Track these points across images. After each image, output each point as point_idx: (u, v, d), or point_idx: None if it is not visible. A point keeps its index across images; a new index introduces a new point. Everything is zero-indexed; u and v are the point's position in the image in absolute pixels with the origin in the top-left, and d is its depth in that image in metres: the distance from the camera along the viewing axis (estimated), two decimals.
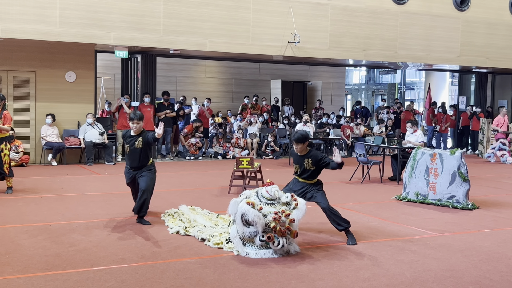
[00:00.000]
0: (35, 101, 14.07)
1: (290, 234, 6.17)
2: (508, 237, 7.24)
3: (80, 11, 13.02)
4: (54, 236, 6.80)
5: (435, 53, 17.48)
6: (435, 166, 9.44)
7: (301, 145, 6.87)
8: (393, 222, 8.05)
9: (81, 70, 14.50)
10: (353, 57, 16.65)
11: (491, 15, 18.15)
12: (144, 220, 7.62)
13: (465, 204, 9.10)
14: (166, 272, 5.48)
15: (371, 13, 16.37)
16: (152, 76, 15.72)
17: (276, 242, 6.04)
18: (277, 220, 6.02)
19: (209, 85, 22.07)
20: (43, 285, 5.06)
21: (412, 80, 38.52)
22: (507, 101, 21.40)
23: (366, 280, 5.36)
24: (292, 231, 6.17)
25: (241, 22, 14.71)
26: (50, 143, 13.83)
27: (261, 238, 6.06)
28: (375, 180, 12.20)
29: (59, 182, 11.22)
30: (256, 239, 6.08)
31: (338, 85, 24.60)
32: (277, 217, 6.03)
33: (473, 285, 5.28)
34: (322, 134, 15.50)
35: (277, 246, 6.05)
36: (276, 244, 6.04)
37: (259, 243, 6.08)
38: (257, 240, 6.08)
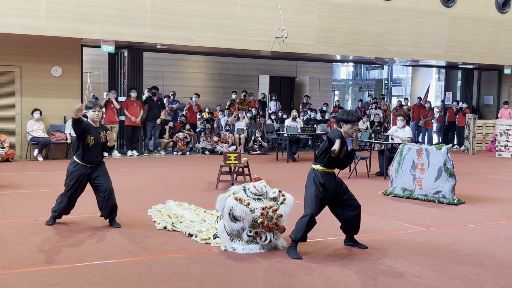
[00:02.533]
0: (20, 96, 13.95)
1: (278, 229, 6.18)
2: (493, 231, 7.31)
3: (66, 5, 12.92)
4: (40, 232, 6.76)
5: (422, 49, 17.56)
6: (422, 161, 9.49)
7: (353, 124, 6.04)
8: (379, 217, 8.09)
9: (67, 64, 14.39)
10: (340, 53, 16.69)
11: (477, 11, 18.27)
12: (116, 222, 7.15)
13: (451, 199, 9.17)
14: (153, 268, 5.47)
15: (359, 9, 16.40)
16: (139, 71, 15.64)
17: (264, 237, 6.05)
18: (264, 215, 6.03)
19: (197, 80, 22.02)
20: (29, 281, 5.03)
21: (399, 76, 38.72)
22: (492, 97, 21.57)
23: (353, 275, 5.38)
24: (279, 226, 6.18)
25: (228, 17, 14.68)
26: (36, 138, 13.73)
27: (249, 233, 6.06)
28: (362, 175, 12.25)
29: (45, 177, 11.15)
30: (244, 234, 6.08)
31: (325, 80, 24.65)
32: (264, 212, 6.04)
33: (459, 280, 5.32)
34: (310, 129, 15.53)
35: (265, 241, 6.06)
36: (264, 239, 6.05)
37: (246, 238, 6.08)
38: (244, 235, 6.08)
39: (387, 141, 12.13)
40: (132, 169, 12.67)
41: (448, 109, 20.28)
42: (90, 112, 7.09)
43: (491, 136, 19.05)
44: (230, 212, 6.05)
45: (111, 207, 7.06)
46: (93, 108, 7.04)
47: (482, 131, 19.07)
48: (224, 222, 6.18)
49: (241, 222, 6.05)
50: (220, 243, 6.25)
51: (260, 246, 6.10)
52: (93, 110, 7.05)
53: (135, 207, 8.35)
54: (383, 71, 37.09)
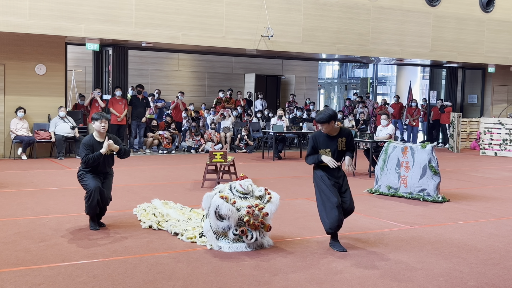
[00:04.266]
0: (4, 94, 13.82)
1: (264, 228, 6.18)
2: (477, 229, 7.37)
3: (51, 3, 12.82)
4: (24, 231, 6.70)
5: (406, 47, 17.66)
6: (407, 159, 9.54)
7: (327, 125, 6.10)
8: (365, 215, 8.12)
9: (51, 62, 14.28)
10: (326, 51, 16.73)
11: (461, 10, 18.41)
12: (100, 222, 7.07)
13: (435, 197, 9.23)
14: (139, 267, 5.45)
15: (344, 8, 16.46)
16: (124, 69, 15.57)
17: (250, 235, 6.05)
18: (250, 214, 6.03)
19: (182, 79, 21.95)
20: (13, 280, 4.98)
21: (384, 74, 38.87)
22: (476, 95, 21.75)
23: (339, 273, 5.40)
24: (265, 225, 6.18)
25: (214, 15, 14.65)
26: (20, 137, 13.61)
27: (235, 232, 6.06)
28: (347, 174, 12.27)
29: (29, 176, 11.06)
30: (230, 233, 6.08)
31: (311, 79, 24.70)
32: (250, 210, 6.04)
33: (443, 277, 5.36)
34: (295, 128, 15.55)
35: (251, 240, 6.06)
36: (250, 237, 6.05)
37: (232, 237, 6.08)
38: (230, 234, 6.08)
39: (372, 140, 12.18)
40: (117, 167, 12.54)
41: (432, 108, 20.41)
42: (96, 123, 6.85)
43: (475, 134, 19.21)
44: (216, 210, 6.05)
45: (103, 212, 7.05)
46: (100, 120, 6.83)
47: (466, 130, 19.23)
48: (210, 221, 6.17)
49: (227, 220, 6.04)
50: (206, 242, 6.24)
51: (246, 244, 6.09)
52: (99, 122, 6.84)
53: (120, 206, 8.31)
54: (368, 69, 37.23)
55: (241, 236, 6.07)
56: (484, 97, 21.57)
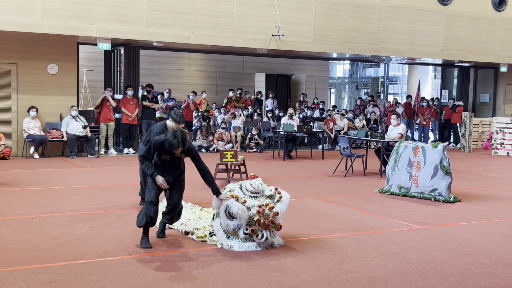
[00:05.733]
0: (16, 93, 13.92)
1: (274, 227, 6.19)
2: (489, 229, 7.33)
3: (63, 3, 12.89)
4: (36, 230, 6.75)
5: (418, 47, 17.58)
6: (418, 159, 9.50)
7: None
8: (376, 215, 8.10)
9: (63, 62, 14.36)
10: (337, 51, 16.69)
11: (473, 9, 18.30)
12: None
13: (447, 197, 9.19)
14: (150, 266, 5.47)
15: (355, 7, 16.41)
16: (135, 69, 15.62)
17: (260, 235, 6.05)
18: (261, 213, 6.04)
19: (193, 78, 21.99)
20: (26, 278, 5.02)
21: (395, 73, 38.72)
22: (489, 95, 21.61)
23: (349, 273, 5.39)
24: (275, 224, 6.18)
25: (225, 15, 14.66)
26: (32, 136, 13.70)
27: (245, 231, 6.07)
28: (358, 173, 12.27)
29: (41, 175, 11.13)
30: (240, 232, 6.09)
31: (321, 78, 24.66)
32: (261, 210, 6.04)
33: (455, 277, 5.34)
34: (306, 127, 15.54)
35: (261, 239, 6.06)
36: (260, 237, 6.06)
37: (242, 236, 6.09)
38: (240, 233, 6.09)
39: (383, 139, 12.14)
40: (129, 166, 12.65)
41: (444, 107, 20.31)
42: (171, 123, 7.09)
43: (487, 134, 19.09)
44: (227, 209, 6.06)
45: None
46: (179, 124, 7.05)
47: (478, 129, 19.12)
48: (220, 220, 6.18)
49: (237, 220, 6.05)
50: (216, 241, 6.26)
51: (257, 244, 6.10)
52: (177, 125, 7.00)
53: (131, 205, 8.35)
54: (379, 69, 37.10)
55: (251, 235, 6.07)
56: (496, 96, 21.42)
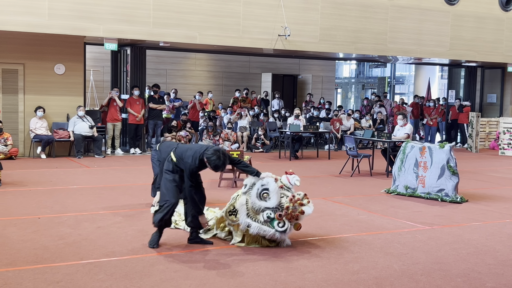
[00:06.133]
0: (23, 93, 13.97)
1: (295, 225, 6.19)
2: (496, 230, 7.30)
3: (69, 3, 12.93)
4: (43, 229, 6.77)
5: (425, 46, 17.53)
6: (425, 159, 9.48)
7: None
8: (382, 215, 8.09)
9: (70, 62, 14.40)
10: (343, 51, 16.66)
11: (480, 9, 18.23)
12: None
13: (454, 198, 9.16)
14: (156, 265, 5.47)
15: (362, 7, 16.38)
16: (142, 69, 15.65)
17: (282, 223, 6.05)
18: (293, 201, 6.07)
19: (199, 78, 22.02)
20: (32, 278, 5.04)
21: (402, 73, 38.62)
22: (496, 95, 21.52)
23: (355, 273, 5.38)
24: (297, 222, 6.20)
25: (231, 15, 14.67)
26: (39, 136, 13.75)
27: (270, 215, 6.05)
28: (365, 174, 12.24)
29: (48, 175, 11.17)
30: (263, 214, 6.07)
31: (328, 78, 24.63)
32: (294, 199, 6.09)
33: (461, 278, 5.32)
34: (312, 127, 15.52)
35: (281, 228, 6.05)
36: (281, 225, 6.05)
37: (263, 219, 6.06)
38: (263, 215, 6.06)
39: (389, 140, 12.11)
40: (135, 166, 12.68)
41: (451, 107, 20.24)
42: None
43: (494, 134, 19.01)
44: (262, 187, 6.10)
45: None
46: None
47: (485, 129, 19.04)
48: (247, 197, 6.20)
49: (265, 202, 6.06)
50: (234, 221, 6.26)
51: (274, 231, 6.06)
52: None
53: (138, 205, 8.36)
54: (386, 69, 37.02)
55: (273, 221, 6.05)
56: (503, 96, 21.32)
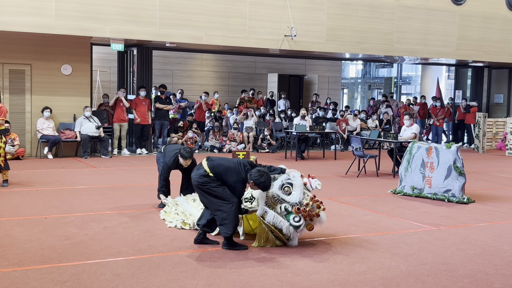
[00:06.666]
0: (30, 94, 14.02)
1: (307, 226, 6.21)
2: (503, 230, 7.27)
3: (76, 4, 12.97)
4: (49, 229, 6.79)
5: (431, 47, 17.48)
6: (431, 160, 9.45)
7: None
8: (388, 215, 8.07)
9: (77, 63, 14.44)
10: (349, 51, 16.64)
11: (487, 9, 18.16)
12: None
13: (460, 198, 9.13)
14: (162, 265, 5.48)
15: (368, 7, 16.35)
16: (148, 69, 15.68)
17: (298, 218, 6.07)
18: (313, 201, 6.12)
19: (205, 79, 22.03)
20: (39, 278, 5.05)
21: (409, 74, 38.53)
22: (503, 95, 21.44)
23: (361, 274, 5.37)
24: (311, 223, 6.21)
25: (237, 15, 14.67)
26: (46, 136, 13.79)
27: (288, 208, 6.07)
28: (371, 174, 12.22)
29: (55, 175, 11.21)
30: (281, 206, 6.09)
31: (334, 78, 24.59)
32: (314, 199, 6.14)
33: (468, 279, 5.30)
34: (319, 128, 15.50)
35: (297, 222, 6.06)
36: (297, 219, 6.06)
37: (280, 211, 6.08)
38: (281, 207, 6.08)
39: (396, 140, 12.09)
40: (141, 167, 12.70)
41: (458, 107, 20.17)
42: (181, 160, 7.74)
43: (501, 134, 18.94)
44: (287, 180, 6.16)
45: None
46: (186, 160, 7.73)
47: (492, 130, 18.97)
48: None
49: (287, 196, 6.10)
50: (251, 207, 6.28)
51: (288, 224, 6.07)
52: (185, 161, 7.74)
53: (144, 205, 8.38)
54: (392, 69, 36.93)
55: (289, 213, 6.07)
56: (510, 96, 21.23)
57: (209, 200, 6.08)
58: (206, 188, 6.05)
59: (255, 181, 5.94)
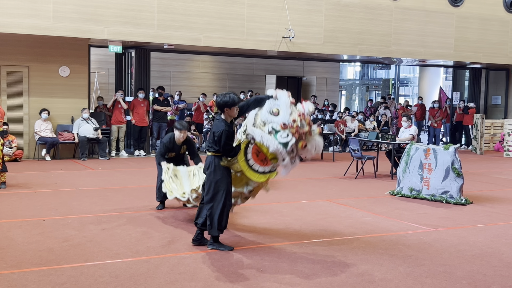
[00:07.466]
0: (28, 96, 14.01)
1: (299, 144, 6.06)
2: (501, 232, 7.28)
3: (74, 6, 12.97)
4: (47, 231, 6.78)
5: (429, 48, 17.51)
6: (429, 161, 9.46)
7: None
8: (387, 217, 8.07)
9: (74, 64, 14.44)
10: (347, 53, 16.65)
11: (485, 11, 18.19)
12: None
13: (458, 199, 9.14)
14: (160, 267, 5.48)
15: (366, 9, 16.37)
16: (146, 71, 15.68)
17: (285, 134, 5.96)
18: (301, 116, 6.01)
19: (203, 80, 22.04)
20: (37, 280, 5.05)
21: (406, 75, 38.61)
22: (500, 96, 21.47)
23: (360, 275, 5.37)
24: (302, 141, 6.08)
25: (235, 17, 14.68)
26: (44, 138, 13.78)
27: (275, 127, 5.99)
28: (369, 175, 12.23)
29: (53, 177, 11.19)
30: (268, 126, 6.03)
31: (332, 80, 24.61)
32: (301, 116, 6.03)
33: (466, 280, 5.30)
34: None
35: (284, 139, 5.93)
36: (285, 135, 5.95)
37: (268, 130, 6.01)
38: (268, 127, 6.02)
39: (394, 141, 12.10)
40: (139, 168, 12.70)
41: (455, 109, 20.20)
42: (176, 132, 7.80)
43: (499, 136, 18.97)
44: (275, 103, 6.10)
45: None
46: (180, 131, 7.79)
47: (490, 131, 19.00)
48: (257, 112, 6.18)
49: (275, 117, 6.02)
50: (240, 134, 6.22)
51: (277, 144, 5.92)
52: (180, 132, 7.80)
53: (142, 207, 8.37)
54: (390, 70, 37.01)
55: (277, 132, 5.97)
56: (508, 98, 21.28)
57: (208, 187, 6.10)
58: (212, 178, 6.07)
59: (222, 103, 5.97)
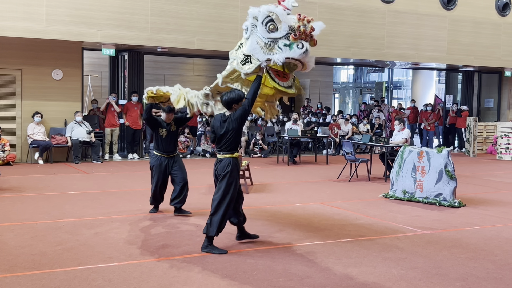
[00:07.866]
0: (21, 99, 13.96)
1: (311, 42, 6.10)
2: (494, 234, 7.30)
3: (67, 9, 12.95)
4: (40, 235, 6.75)
5: (422, 51, 17.58)
6: (422, 164, 9.49)
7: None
8: (380, 219, 8.09)
9: (68, 68, 14.41)
10: (341, 56, 16.69)
11: (477, 14, 18.29)
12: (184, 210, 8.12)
13: (451, 202, 9.16)
14: (154, 271, 5.47)
15: (359, 12, 16.42)
16: (140, 74, 15.66)
17: (300, 44, 5.96)
18: (301, 20, 5.99)
19: (197, 83, 21.98)
20: (30, 284, 5.02)
21: (400, 78, 38.70)
22: (493, 99, 21.58)
23: (354, 278, 5.38)
24: (313, 39, 6.11)
25: (229, 20, 14.69)
26: (37, 142, 13.73)
27: (285, 42, 5.95)
28: (363, 178, 12.25)
29: (46, 180, 11.15)
30: (278, 45, 5.97)
31: (326, 83, 24.65)
32: (301, 17, 6.02)
33: (460, 282, 5.32)
34: (310, 132, 15.52)
35: (301, 49, 5.94)
36: (301, 46, 5.95)
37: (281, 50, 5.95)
38: (278, 46, 5.96)
39: (387, 144, 12.13)
40: (133, 172, 12.67)
41: (448, 112, 20.27)
42: (163, 114, 8.23)
43: (491, 138, 19.05)
44: (267, 19, 6.02)
45: (183, 196, 8.01)
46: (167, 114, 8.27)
47: (483, 134, 19.08)
48: (255, 38, 6.11)
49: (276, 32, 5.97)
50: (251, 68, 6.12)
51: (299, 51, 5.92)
52: (166, 114, 8.25)
53: (136, 210, 8.35)
54: (383, 73, 37.11)
55: (290, 45, 5.93)
56: (500, 101, 21.39)
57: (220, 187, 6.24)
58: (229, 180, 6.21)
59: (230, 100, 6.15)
